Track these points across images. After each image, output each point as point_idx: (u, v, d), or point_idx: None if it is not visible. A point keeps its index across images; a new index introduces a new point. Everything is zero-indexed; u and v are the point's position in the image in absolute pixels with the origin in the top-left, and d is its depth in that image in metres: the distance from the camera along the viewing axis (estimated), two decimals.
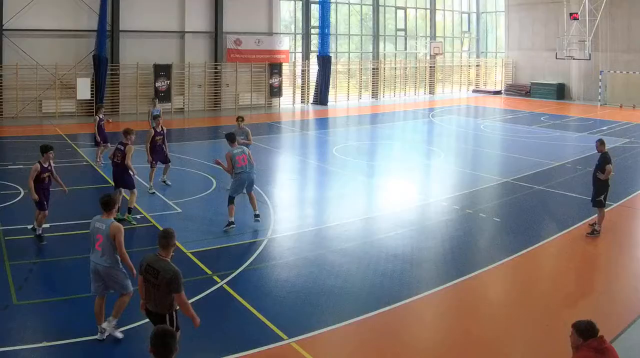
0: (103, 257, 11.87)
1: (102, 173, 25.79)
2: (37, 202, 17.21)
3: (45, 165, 17.22)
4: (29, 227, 18.10)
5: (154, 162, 23.42)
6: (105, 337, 12.11)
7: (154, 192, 23.11)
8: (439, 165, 30.45)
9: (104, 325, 12.19)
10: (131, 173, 19.93)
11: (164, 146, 24.15)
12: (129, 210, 20.13)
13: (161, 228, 12.10)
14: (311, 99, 56.73)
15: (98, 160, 27.57)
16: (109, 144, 27.51)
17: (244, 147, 20.07)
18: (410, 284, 15.30)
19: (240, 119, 24.77)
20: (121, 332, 12.31)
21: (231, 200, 19.12)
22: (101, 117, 28.00)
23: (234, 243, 17.36)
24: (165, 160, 24.22)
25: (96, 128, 27.58)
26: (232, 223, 18.96)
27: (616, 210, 21.88)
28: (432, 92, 66.14)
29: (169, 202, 22.09)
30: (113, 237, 11.77)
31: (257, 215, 19.74)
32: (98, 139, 27.42)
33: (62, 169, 23.29)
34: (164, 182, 24.07)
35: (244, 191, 19.73)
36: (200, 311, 11.56)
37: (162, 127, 24.07)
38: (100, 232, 11.89)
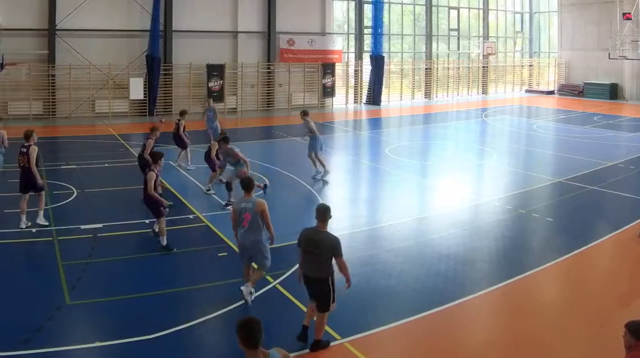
0: (251, 232, 13.53)
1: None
2: (162, 207, 17.58)
3: (156, 171, 17.63)
4: (90, 226, 18.48)
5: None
6: (250, 299, 13.72)
7: (209, 192, 23.47)
8: (492, 165, 30.39)
9: (243, 287, 13.74)
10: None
11: None
12: None
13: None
14: (364, 99, 56.84)
15: (190, 163, 27.53)
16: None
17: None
18: (463, 284, 15.32)
19: (302, 113, 25.40)
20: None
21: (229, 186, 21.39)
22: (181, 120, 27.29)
23: (286, 243, 16.96)
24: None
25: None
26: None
27: None
28: (485, 92, 65.96)
29: (222, 202, 22.15)
30: (261, 212, 13.45)
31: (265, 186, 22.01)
32: (187, 140, 27.21)
33: (115, 169, 23.74)
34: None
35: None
36: (254, 310, 11.86)
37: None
38: (248, 211, 13.51)
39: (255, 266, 14.24)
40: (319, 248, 11.59)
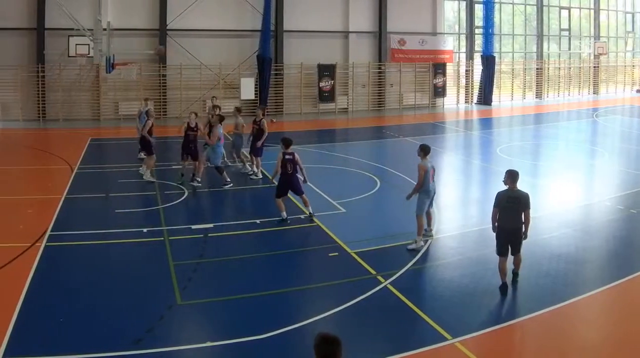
0: (434, 183, 18.29)
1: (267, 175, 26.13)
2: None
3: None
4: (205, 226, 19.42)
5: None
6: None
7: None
8: (603, 165, 30.33)
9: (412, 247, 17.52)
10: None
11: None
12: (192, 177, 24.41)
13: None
14: (475, 99, 56.95)
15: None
16: None
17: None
18: (574, 284, 15.30)
19: (235, 109, 29.60)
20: None
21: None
22: None
23: (397, 243, 17.45)
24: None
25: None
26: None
27: None
28: (595, 92, 65.08)
29: (333, 202, 22.40)
30: (432, 168, 18.24)
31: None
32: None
33: (226, 169, 24.37)
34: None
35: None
36: (365, 311, 12.27)
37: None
38: (434, 168, 18.35)
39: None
40: (518, 204, 14.78)
